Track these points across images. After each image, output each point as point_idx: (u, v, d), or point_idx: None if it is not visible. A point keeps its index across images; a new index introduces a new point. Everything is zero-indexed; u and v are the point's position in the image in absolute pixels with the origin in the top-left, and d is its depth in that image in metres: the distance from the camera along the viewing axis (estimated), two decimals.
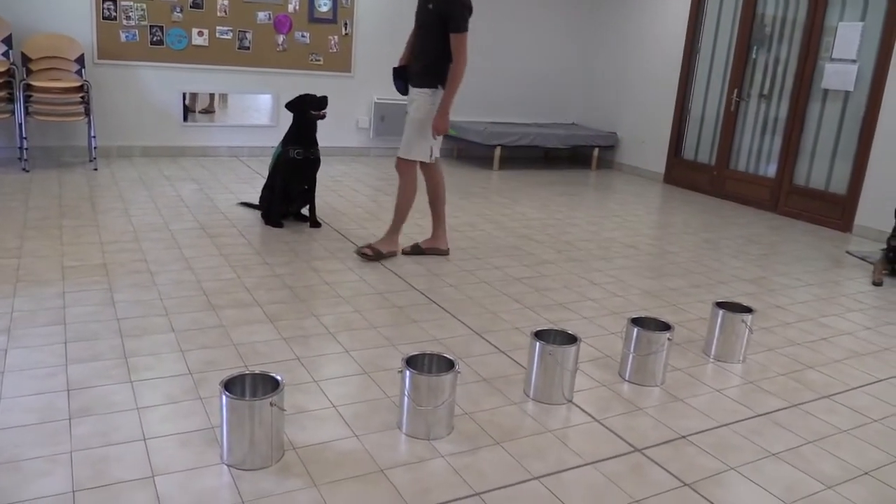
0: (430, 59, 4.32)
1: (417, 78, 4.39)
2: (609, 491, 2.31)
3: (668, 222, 6.61)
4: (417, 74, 4.39)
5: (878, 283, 4.96)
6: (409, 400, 2.49)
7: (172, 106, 7.32)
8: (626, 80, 8.96)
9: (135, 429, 2.43)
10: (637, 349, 3.07)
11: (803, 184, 7.05)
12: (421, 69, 4.37)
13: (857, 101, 6.54)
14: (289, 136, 5.13)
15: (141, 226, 4.82)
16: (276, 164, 5.13)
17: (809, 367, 3.45)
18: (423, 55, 4.35)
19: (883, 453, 2.70)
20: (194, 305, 3.54)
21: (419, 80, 4.38)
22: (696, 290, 4.48)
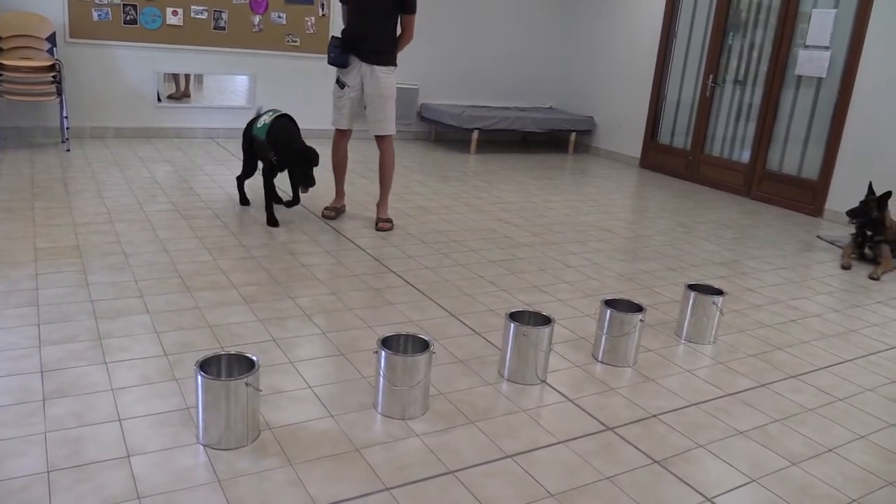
0: (390, 40, 4.79)
1: (381, 56, 4.76)
2: (581, 468, 2.36)
3: (644, 206, 6.67)
4: (380, 53, 4.75)
5: (846, 266, 5.06)
6: (384, 380, 2.51)
7: (146, 86, 7.23)
8: (604, 65, 8.99)
9: (110, 410, 2.43)
10: (610, 330, 3.11)
11: (776, 169, 7.14)
12: (383, 49, 4.75)
13: (830, 87, 6.63)
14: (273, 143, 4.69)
15: (115, 207, 4.78)
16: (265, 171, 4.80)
17: (778, 349, 3.52)
18: (383, 37, 4.75)
19: (847, 431, 2.78)
20: (169, 287, 3.53)
21: (384, 59, 4.77)
22: (669, 272, 4.54)
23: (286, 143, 4.61)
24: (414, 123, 8.79)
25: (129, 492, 2.03)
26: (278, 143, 4.63)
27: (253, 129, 4.87)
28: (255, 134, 4.82)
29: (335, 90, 4.90)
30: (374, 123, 4.89)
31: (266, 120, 4.76)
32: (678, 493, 2.27)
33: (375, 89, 4.77)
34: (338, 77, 4.87)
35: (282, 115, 4.80)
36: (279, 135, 4.67)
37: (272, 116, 4.78)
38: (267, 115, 4.83)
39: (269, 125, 4.70)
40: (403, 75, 8.43)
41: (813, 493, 2.34)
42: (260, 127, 4.77)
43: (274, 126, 4.70)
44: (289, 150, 4.59)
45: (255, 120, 4.94)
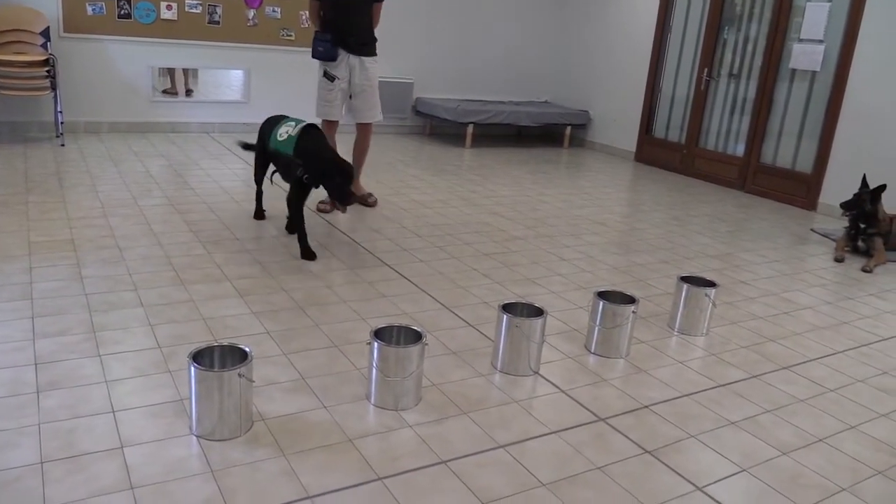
0: (371, 31, 5.03)
1: (367, 48, 5.01)
2: (573, 458, 2.37)
3: (638, 200, 6.69)
4: (367, 45, 5.00)
5: (839, 259, 5.08)
6: (377, 371, 2.52)
7: (141, 81, 7.22)
8: (599, 59, 8.99)
9: (103, 401, 2.44)
10: (602, 322, 3.13)
11: (770, 163, 7.16)
12: (367, 40, 5.00)
13: (824, 81, 6.64)
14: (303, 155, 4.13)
15: (109, 201, 4.78)
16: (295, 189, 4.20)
17: (770, 340, 3.54)
18: (366, 29, 4.99)
19: (837, 421, 2.80)
20: (163, 280, 3.53)
21: (369, 50, 5.02)
22: (663, 265, 4.55)
23: (320, 157, 4.05)
24: (409, 118, 8.78)
25: (122, 482, 2.04)
26: (311, 158, 4.04)
27: (272, 142, 4.27)
28: (277, 148, 4.23)
29: (323, 83, 4.98)
30: (363, 112, 5.14)
31: (290, 132, 4.16)
32: (669, 483, 2.29)
33: (365, 80, 5.02)
34: (325, 70, 4.95)
35: (309, 126, 4.19)
36: (312, 148, 4.08)
37: (297, 128, 4.17)
38: (288, 126, 4.22)
39: (296, 139, 4.10)
40: (398, 69, 8.47)
41: (802, 483, 2.36)
42: (283, 140, 4.16)
43: (304, 140, 4.10)
44: (324, 165, 4.01)
45: (271, 128, 4.35)
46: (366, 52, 4.98)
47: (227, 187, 5.44)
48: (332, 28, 4.86)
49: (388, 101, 8.42)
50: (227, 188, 5.41)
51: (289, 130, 4.18)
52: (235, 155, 6.64)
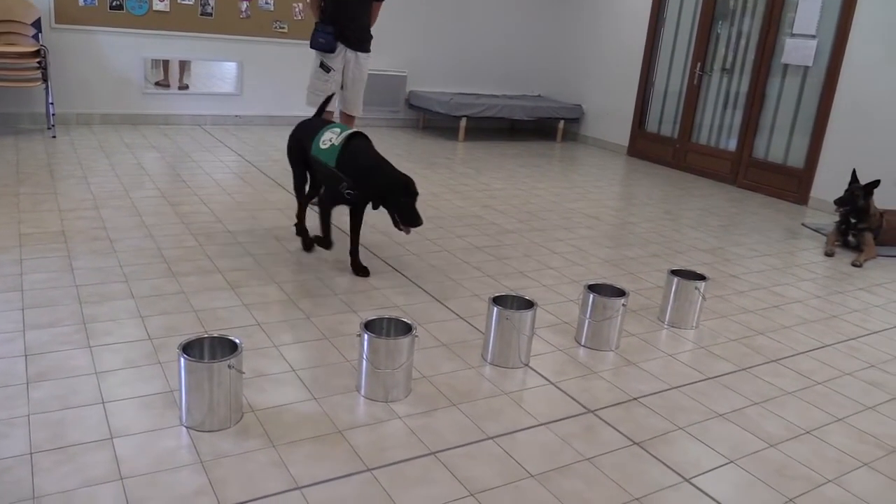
0: (369, 28, 5.12)
1: (365, 44, 5.10)
2: (561, 450, 2.39)
3: (631, 194, 6.70)
4: (363, 41, 5.08)
5: (829, 254, 5.11)
6: (367, 363, 2.53)
7: (133, 73, 7.19)
8: (592, 53, 8.99)
9: (93, 392, 2.44)
10: (593, 315, 3.14)
11: (762, 157, 7.18)
12: (365, 36, 5.09)
13: (816, 76, 6.66)
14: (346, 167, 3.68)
15: (100, 193, 4.76)
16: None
17: (759, 333, 3.56)
18: (364, 25, 5.07)
19: (825, 413, 2.82)
20: (154, 272, 3.53)
21: (367, 46, 5.12)
22: (654, 259, 4.57)
23: (377, 172, 3.61)
24: (402, 111, 8.78)
25: (112, 473, 2.05)
26: (360, 173, 3.60)
27: (313, 149, 3.84)
28: (317, 156, 3.81)
29: (318, 74, 5.02)
30: (351, 104, 5.23)
31: (333, 140, 3.72)
32: (657, 474, 2.31)
33: (358, 73, 5.11)
34: (322, 61, 4.99)
35: (355, 135, 3.75)
36: (359, 161, 3.64)
37: (342, 136, 3.72)
38: (332, 133, 3.78)
39: (339, 149, 3.66)
40: (392, 62, 8.45)
41: (789, 474, 2.38)
42: (325, 149, 3.74)
43: (349, 151, 3.67)
44: (385, 182, 3.58)
45: (309, 132, 3.93)
46: (363, 47, 5.10)
47: (220, 179, 5.44)
48: (332, 21, 4.94)
49: (382, 94, 8.45)
50: (220, 180, 5.40)
51: (332, 138, 3.73)
52: (228, 148, 6.63)
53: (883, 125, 6.10)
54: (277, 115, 7.86)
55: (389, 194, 3.57)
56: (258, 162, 6.16)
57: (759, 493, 2.26)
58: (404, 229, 3.61)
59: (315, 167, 3.94)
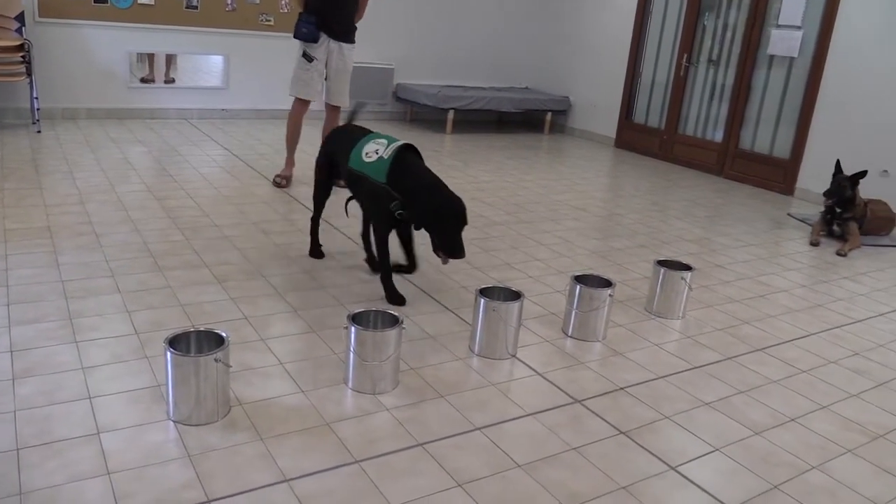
0: (352, 19, 5.19)
1: (350, 35, 5.20)
2: (548, 440, 2.40)
3: (618, 185, 6.72)
4: (349, 32, 5.19)
5: (815, 243, 5.14)
6: (354, 355, 2.53)
7: (118, 67, 7.14)
8: (579, 45, 9.00)
9: (80, 388, 2.43)
10: (580, 305, 3.15)
11: (748, 148, 7.21)
12: (350, 28, 5.18)
13: (802, 67, 6.69)
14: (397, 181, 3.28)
15: (86, 188, 4.74)
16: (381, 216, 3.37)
17: (745, 323, 3.59)
18: (348, 16, 5.15)
19: (809, 401, 2.85)
20: (141, 267, 3.52)
21: (351, 37, 5.21)
22: (641, 250, 4.59)
23: (428, 191, 3.24)
24: (389, 103, 8.76)
25: (99, 468, 2.05)
26: (414, 192, 3.22)
27: (353, 161, 3.40)
28: (361, 170, 3.35)
29: (301, 63, 5.10)
30: (336, 95, 5.32)
31: (381, 152, 3.31)
32: (643, 463, 2.32)
33: (342, 64, 5.21)
34: (304, 51, 5.07)
35: (406, 148, 3.35)
36: (412, 179, 3.26)
37: (391, 148, 3.30)
38: (378, 144, 3.38)
39: (390, 163, 3.25)
40: (379, 55, 8.43)
41: (773, 461, 2.40)
42: (371, 163, 3.31)
43: (400, 166, 3.26)
44: (435, 202, 3.21)
45: (346, 144, 3.52)
46: (347, 38, 5.18)
47: (206, 174, 5.41)
48: (316, 11, 4.99)
49: (369, 86, 8.42)
50: (206, 174, 5.38)
51: (379, 150, 3.33)
52: (214, 141, 6.60)
53: (868, 116, 6.14)
54: (264, 109, 7.83)
55: (442, 219, 3.20)
56: (245, 156, 6.13)
57: (745, 481, 2.28)
58: (443, 258, 3.25)
59: (354, 182, 3.45)
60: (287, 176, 5.33)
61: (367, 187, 3.35)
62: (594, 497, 2.12)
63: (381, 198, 3.28)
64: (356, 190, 3.50)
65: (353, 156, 3.42)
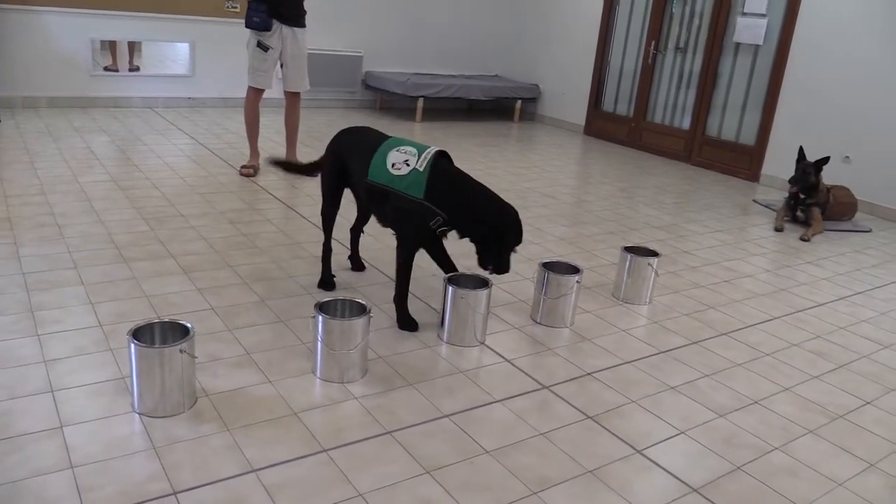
0: (300, 3, 5.16)
1: (300, 19, 5.17)
2: (516, 426, 2.42)
3: (587, 172, 6.76)
4: (300, 16, 5.16)
5: (779, 229, 5.22)
6: (322, 345, 2.53)
7: (81, 54, 6.99)
8: (548, 32, 9.01)
9: (42, 381, 2.39)
10: (548, 292, 3.17)
11: (715, 135, 7.29)
12: (299, 11, 5.15)
13: (767, 54, 6.77)
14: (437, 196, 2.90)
15: (48, 179, 4.64)
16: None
17: (711, 308, 3.63)
18: (297, 1, 5.13)
19: (772, 383, 2.90)
20: (105, 258, 3.46)
21: (302, 21, 5.19)
22: (609, 236, 4.63)
23: (490, 208, 2.97)
24: (358, 91, 8.70)
25: (62, 462, 2.02)
26: (465, 207, 2.92)
27: (375, 174, 2.95)
28: (386, 185, 2.93)
29: (257, 54, 5.09)
30: (294, 81, 5.30)
31: (412, 163, 2.89)
32: (609, 446, 2.35)
33: (297, 50, 5.20)
34: (259, 41, 5.05)
35: (441, 155, 2.97)
36: (461, 193, 2.94)
37: (426, 159, 2.90)
38: (405, 154, 2.93)
39: (428, 176, 2.86)
40: (347, 43, 8.36)
41: (737, 443, 2.45)
42: (403, 176, 2.88)
43: (441, 178, 2.89)
44: (496, 220, 2.94)
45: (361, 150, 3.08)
46: (298, 23, 5.16)
47: (172, 163, 5.34)
48: (266, 0, 4.96)
49: (338, 74, 8.37)
50: (172, 164, 5.31)
51: (409, 160, 2.90)
52: (180, 130, 6.51)
53: (830, 103, 6.24)
54: (231, 97, 7.73)
55: (501, 237, 2.94)
56: (211, 144, 6.06)
57: (709, 462, 2.32)
58: (498, 270, 2.99)
59: (375, 197, 3.02)
60: (254, 165, 5.28)
61: (399, 204, 2.92)
62: (562, 481, 2.15)
63: (417, 216, 2.90)
64: (378, 206, 3.07)
65: (375, 167, 2.95)
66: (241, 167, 5.29)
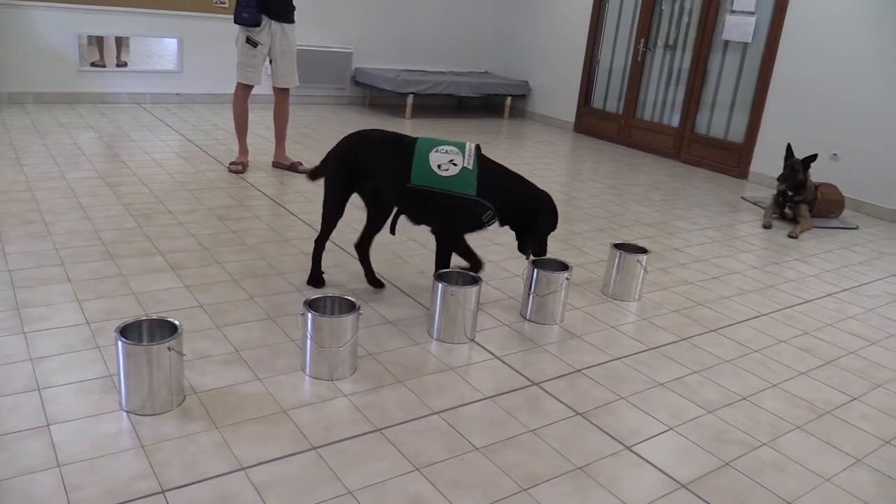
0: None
1: (289, 15, 5.14)
2: (506, 422, 2.42)
3: (576, 170, 6.77)
4: (289, 12, 5.13)
5: (767, 226, 5.25)
6: (311, 342, 2.52)
7: (68, 49, 6.94)
8: (538, 29, 9.01)
9: (28, 379, 2.38)
10: (537, 289, 3.17)
11: (704, 133, 7.32)
12: (289, 8, 5.12)
13: (755, 52, 6.79)
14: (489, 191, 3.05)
15: (35, 175, 4.61)
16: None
17: (700, 304, 3.65)
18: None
19: (760, 380, 2.91)
20: (92, 255, 3.44)
21: (291, 17, 5.15)
22: (598, 233, 4.64)
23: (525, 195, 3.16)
24: (348, 88, 8.68)
25: (49, 460, 2.00)
26: (509, 198, 3.09)
27: (414, 176, 2.98)
28: (433, 186, 2.98)
29: (246, 49, 5.07)
30: (283, 77, 5.26)
31: (459, 161, 2.98)
32: (599, 443, 2.35)
33: (286, 45, 5.17)
34: (248, 36, 5.04)
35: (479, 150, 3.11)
36: (504, 185, 3.11)
37: (471, 155, 3.03)
38: (447, 153, 3.00)
39: (477, 171, 2.99)
40: (337, 39, 8.34)
41: (725, 439, 2.46)
42: (452, 176, 2.96)
43: (487, 172, 3.04)
44: (535, 206, 3.16)
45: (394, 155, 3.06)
46: (287, 18, 5.13)
47: (160, 159, 5.31)
48: None
49: (327, 70, 8.34)
50: (160, 160, 5.28)
51: (455, 159, 2.98)
52: (168, 126, 6.47)
53: (818, 101, 6.27)
54: (220, 94, 7.69)
55: (540, 222, 3.14)
56: (200, 141, 6.03)
57: (697, 458, 2.33)
58: (529, 256, 3.20)
59: (416, 200, 3.03)
60: (242, 162, 5.26)
61: (450, 203, 2.98)
62: (551, 477, 2.15)
63: (468, 212, 3.01)
64: (417, 208, 3.08)
65: (418, 171, 2.96)
66: (229, 164, 5.26)
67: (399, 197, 3.11)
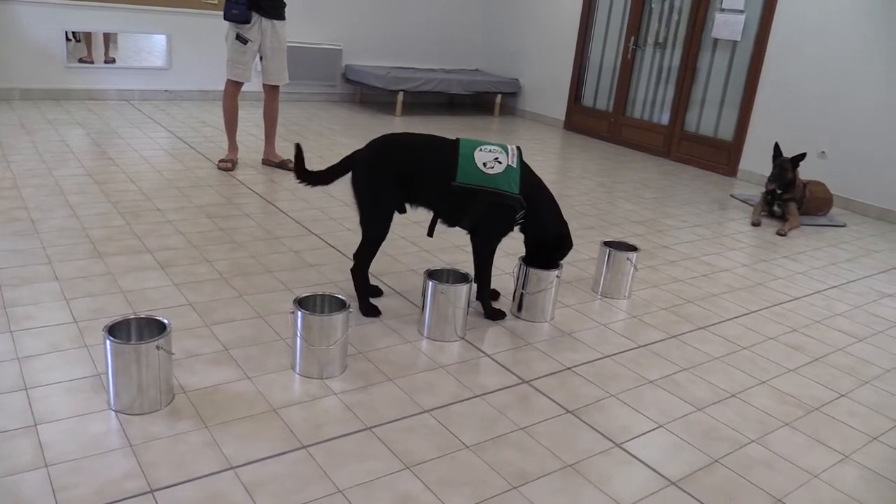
0: None
1: (280, 11, 5.11)
2: (497, 420, 2.42)
3: (566, 167, 6.78)
4: (277, 8, 5.09)
5: (756, 223, 5.27)
6: (301, 340, 2.51)
7: (55, 46, 6.89)
8: (529, 27, 9.01)
9: (15, 378, 2.36)
10: (527, 287, 3.18)
11: (694, 131, 7.34)
12: (279, 4, 5.09)
13: (744, 50, 6.82)
14: None
15: (21, 172, 4.57)
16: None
17: (689, 302, 3.66)
18: None
19: (749, 377, 2.92)
20: (80, 253, 3.42)
21: (281, 13, 5.13)
22: (588, 231, 4.64)
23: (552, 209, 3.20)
24: (338, 85, 8.66)
25: (37, 460, 1.99)
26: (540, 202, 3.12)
27: (460, 174, 2.92)
28: (479, 184, 2.92)
29: (236, 46, 5.05)
30: (273, 74, 5.26)
31: (503, 159, 2.96)
32: (589, 440, 2.36)
33: (277, 42, 5.16)
34: (238, 33, 5.02)
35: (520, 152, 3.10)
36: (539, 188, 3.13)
37: (511, 152, 3.02)
38: (486, 154, 2.97)
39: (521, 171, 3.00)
40: (327, 36, 8.31)
41: (714, 436, 2.46)
42: (498, 174, 2.92)
43: (529, 172, 3.07)
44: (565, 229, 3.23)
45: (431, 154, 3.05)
46: (278, 15, 5.11)
47: (149, 156, 5.28)
48: None
49: (317, 67, 8.32)
50: (149, 157, 5.25)
51: (499, 157, 2.96)
52: (157, 123, 6.44)
53: (807, 99, 6.30)
54: (209, 90, 7.66)
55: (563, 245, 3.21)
56: (189, 138, 6.00)
57: (687, 455, 2.34)
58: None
59: (458, 199, 2.96)
60: (232, 159, 5.23)
61: (494, 200, 2.94)
62: (542, 475, 2.15)
63: (510, 210, 3.00)
64: (457, 207, 3.01)
65: (464, 169, 2.92)
66: (219, 161, 5.23)
67: (441, 198, 3.02)
